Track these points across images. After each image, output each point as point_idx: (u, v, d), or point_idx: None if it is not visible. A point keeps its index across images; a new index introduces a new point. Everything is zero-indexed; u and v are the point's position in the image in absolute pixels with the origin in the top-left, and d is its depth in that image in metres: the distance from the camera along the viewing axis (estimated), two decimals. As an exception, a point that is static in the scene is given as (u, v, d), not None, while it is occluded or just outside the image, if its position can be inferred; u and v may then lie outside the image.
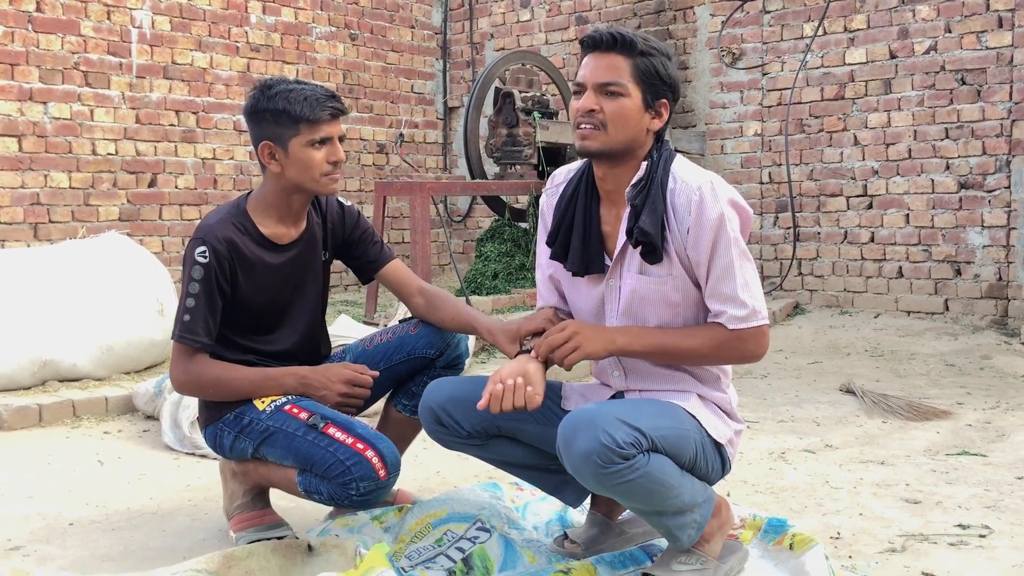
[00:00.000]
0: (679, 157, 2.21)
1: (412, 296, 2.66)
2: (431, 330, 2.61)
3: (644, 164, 2.15)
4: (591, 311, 2.27)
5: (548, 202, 2.34)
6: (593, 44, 2.14)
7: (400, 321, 2.71)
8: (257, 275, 2.50)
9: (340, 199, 2.69)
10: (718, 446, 2.17)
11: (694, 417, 2.12)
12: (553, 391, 2.34)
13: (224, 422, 2.49)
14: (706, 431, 2.13)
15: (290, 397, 2.48)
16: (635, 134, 2.13)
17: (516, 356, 2.23)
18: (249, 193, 2.58)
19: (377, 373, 2.54)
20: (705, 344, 2.12)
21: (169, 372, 2.50)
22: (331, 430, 2.36)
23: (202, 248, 2.42)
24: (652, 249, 2.11)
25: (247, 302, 2.50)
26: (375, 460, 2.31)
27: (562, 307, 2.39)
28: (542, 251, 2.35)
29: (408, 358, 2.60)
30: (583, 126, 2.13)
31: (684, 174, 2.14)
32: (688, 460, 2.07)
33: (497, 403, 2.09)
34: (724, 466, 2.21)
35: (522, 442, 2.31)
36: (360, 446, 2.32)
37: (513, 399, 2.09)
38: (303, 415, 2.40)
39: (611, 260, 2.21)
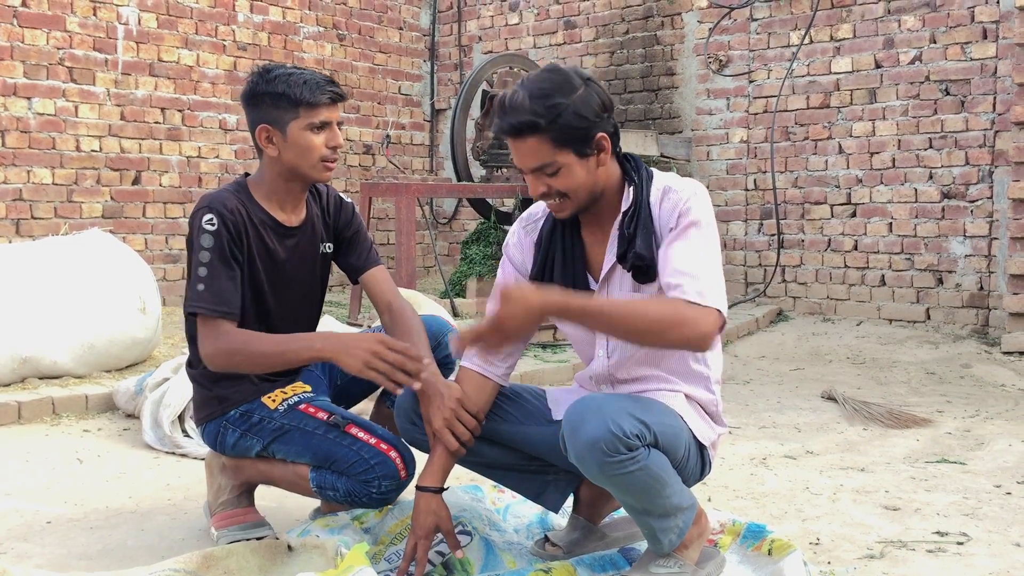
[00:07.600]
0: (657, 172, 2.22)
1: (381, 312, 2.59)
2: None
3: (630, 191, 2.15)
4: (583, 335, 2.28)
5: (527, 237, 2.31)
6: (504, 134, 2.13)
7: None
8: (260, 254, 2.45)
9: (340, 194, 2.67)
10: (700, 448, 2.19)
11: (681, 417, 2.13)
12: (528, 391, 2.36)
13: (229, 419, 2.48)
14: (691, 431, 2.14)
15: (302, 396, 2.48)
16: (594, 182, 2.13)
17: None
18: (247, 176, 2.54)
19: (423, 359, 2.30)
20: (653, 312, 1.97)
21: (200, 349, 2.38)
22: (353, 429, 2.40)
23: (209, 216, 2.37)
24: (646, 270, 2.10)
25: (248, 285, 2.44)
26: (398, 461, 2.36)
27: None
28: (503, 274, 2.34)
29: None
30: (548, 202, 2.16)
31: (671, 183, 2.14)
32: (679, 460, 2.09)
33: None
34: (704, 469, 2.22)
35: (499, 443, 2.32)
36: (384, 446, 2.37)
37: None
38: (321, 415, 2.43)
39: (596, 282, 2.21)
